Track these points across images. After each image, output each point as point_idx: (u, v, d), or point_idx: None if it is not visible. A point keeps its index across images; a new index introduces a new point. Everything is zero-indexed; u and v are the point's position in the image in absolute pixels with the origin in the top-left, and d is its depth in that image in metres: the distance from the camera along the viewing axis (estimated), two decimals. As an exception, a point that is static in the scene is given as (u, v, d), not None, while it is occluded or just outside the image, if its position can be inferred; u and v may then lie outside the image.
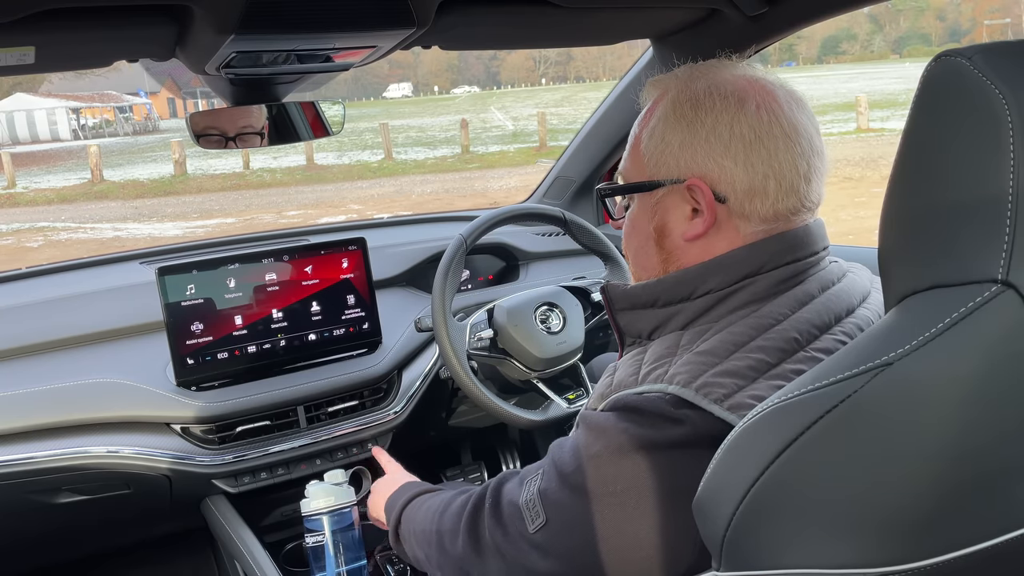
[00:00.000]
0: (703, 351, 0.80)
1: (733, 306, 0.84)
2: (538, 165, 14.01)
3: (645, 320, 0.91)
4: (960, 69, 0.56)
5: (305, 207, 12.17)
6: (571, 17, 1.33)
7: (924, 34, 75.16)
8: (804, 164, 0.86)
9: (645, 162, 0.91)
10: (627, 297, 0.93)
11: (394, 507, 1.17)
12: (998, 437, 0.56)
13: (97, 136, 30.97)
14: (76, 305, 1.60)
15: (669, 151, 0.88)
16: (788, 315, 0.82)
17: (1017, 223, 0.53)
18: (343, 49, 1.19)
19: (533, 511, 0.85)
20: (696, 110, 0.87)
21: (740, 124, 0.85)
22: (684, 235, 0.89)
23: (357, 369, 1.62)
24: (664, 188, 0.89)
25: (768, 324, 0.81)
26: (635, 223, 0.95)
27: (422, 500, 1.12)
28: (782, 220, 0.86)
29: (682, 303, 0.87)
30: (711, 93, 0.87)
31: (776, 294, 0.84)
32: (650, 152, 0.90)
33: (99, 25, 1.06)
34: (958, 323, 0.54)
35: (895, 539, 0.57)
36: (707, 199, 0.86)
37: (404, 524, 1.12)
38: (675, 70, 0.94)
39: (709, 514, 0.67)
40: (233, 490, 1.50)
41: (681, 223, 0.89)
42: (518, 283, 1.97)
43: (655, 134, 0.90)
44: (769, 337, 0.79)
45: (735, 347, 0.79)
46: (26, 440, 1.40)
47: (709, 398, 0.75)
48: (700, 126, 0.86)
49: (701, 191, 0.86)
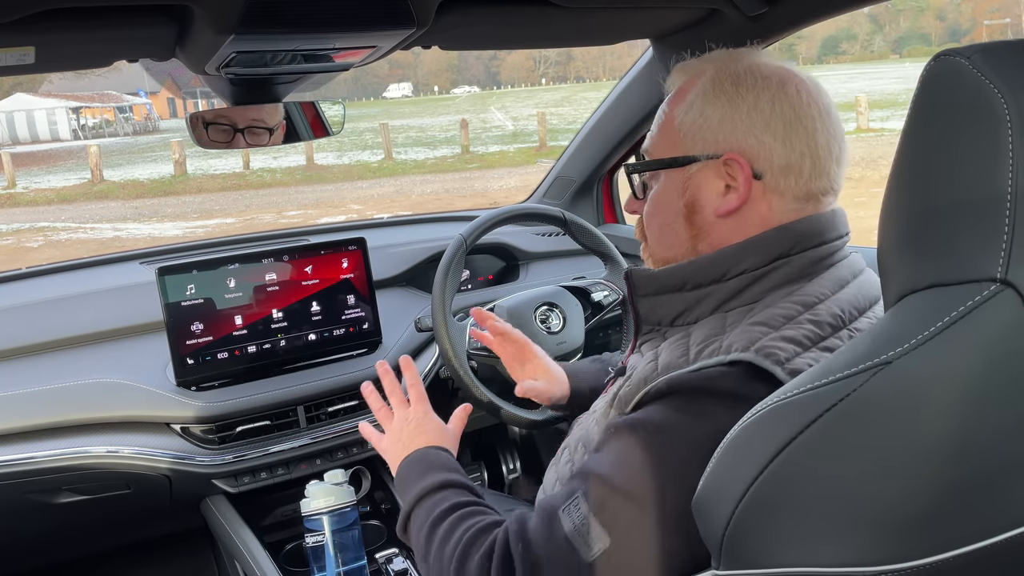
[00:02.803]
0: (756, 322, 0.80)
1: (768, 286, 0.85)
2: (538, 165, 14.01)
3: (669, 306, 0.90)
4: (959, 69, 0.56)
5: (305, 207, 12.17)
6: (571, 17, 1.33)
7: (924, 34, 75.17)
8: (836, 147, 0.88)
9: (681, 137, 0.90)
10: (653, 281, 0.91)
11: (408, 489, 1.02)
12: (997, 435, 0.56)
13: (97, 136, 30.97)
14: (76, 305, 1.60)
15: (708, 126, 0.88)
16: (829, 295, 0.83)
17: (1016, 222, 0.53)
18: (343, 49, 1.19)
19: (589, 536, 0.78)
20: (737, 86, 0.87)
21: (781, 102, 0.86)
22: (716, 211, 0.88)
23: (357, 369, 1.62)
24: (698, 163, 0.89)
25: (812, 302, 0.82)
26: (661, 200, 0.94)
27: (432, 510, 0.96)
28: (812, 201, 0.88)
29: (714, 284, 0.87)
30: (752, 72, 0.88)
31: (809, 275, 0.85)
32: (686, 127, 0.90)
33: (99, 25, 1.06)
34: (957, 322, 0.54)
35: (894, 537, 0.58)
36: (744, 173, 0.86)
37: (413, 526, 0.99)
38: (708, 55, 0.94)
39: (708, 513, 0.67)
40: (233, 490, 1.50)
41: (713, 199, 0.89)
42: (518, 283, 1.97)
43: (692, 109, 0.89)
44: (817, 312, 0.81)
45: (786, 319, 0.80)
46: (26, 440, 1.40)
47: (771, 359, 0.74)
48: (741, 101, 0.87)
49: (739, 165, 0.86)
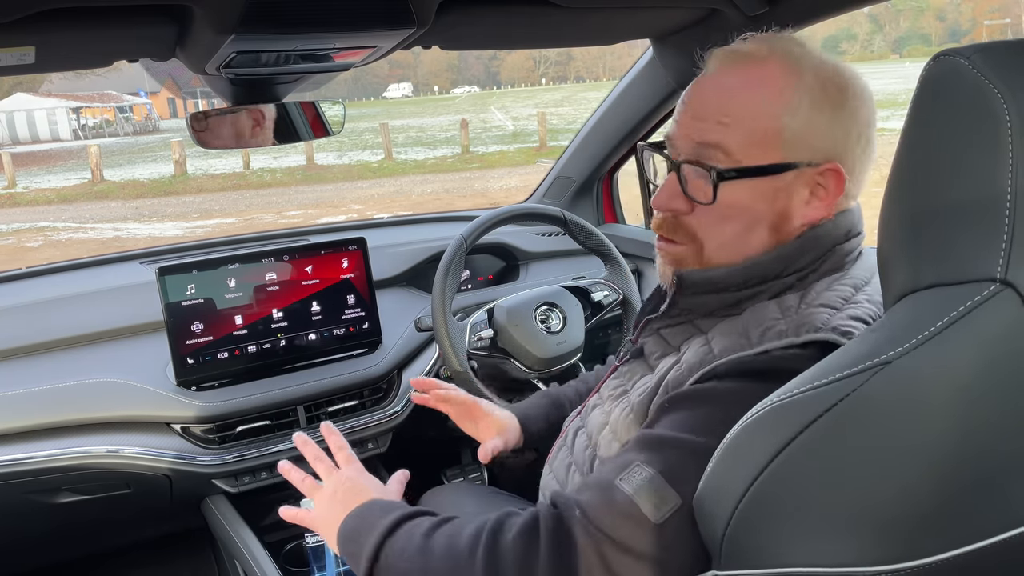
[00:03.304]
0: (819, 304, 0.80)
1: (818, 276, 0.86)
2: (538, 165, 14.01)
3: (716, 301, 0.88)
4: (959, 69, 0.56)
5: (305, 207, 12.17)
6: (571, 17, 1.33)
7: (924, 34, 75.16)
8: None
9: (783, 141, 0.83)
10: (708, 283, 0.88)
11: (366, 533, 0.88)
12: (997, 435, 0.56)
13: (97, 136, 30.95)
14: (76, 305, 1.60)
15: (814, 132, 0.84)
16: (869, 279, 0.86)
17: (1016, 222, 0.53)
18: (343, 49, 1.19)
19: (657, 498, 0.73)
20: (843, 92, 0.85)
21: (869, 111, 0.86)
22: (804, 218, 0.86)
23: (357, 369, 1.62)
24: (795, 171, 0.85)
25: (861, 284, 0.84)
26: (741, 206, 0.86)
27: (413, 532, 0.85)
28: (852, 199, 0.90)
29: (775, 280, 0.86)
30: (854, 80, 0.86)
31: (844, 266, 0.87)
32: (791, 131, 0.83)
33: (99, 25, 1.06)
34: (957, 321, 0.54)
35: (894, 537, 0.58)
36: (838, 185, 0.85)
37: (391, 552, 0.85)
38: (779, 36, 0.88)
39: (709, 512, 0.67)
40: (233, 490, 1.50)
41: (801, 207, 0.86)
42: (518, 283, 1.97)
43: (799, 112, 0.83)
44: (867, 293, 0.83)
45: (844, 301, 0.81)
46: (26, 440, 1.40)
47: (847, 338, 0.74)
48: (842, 110, 0.85)
49: (836, 176, 0.85)
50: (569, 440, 1.03)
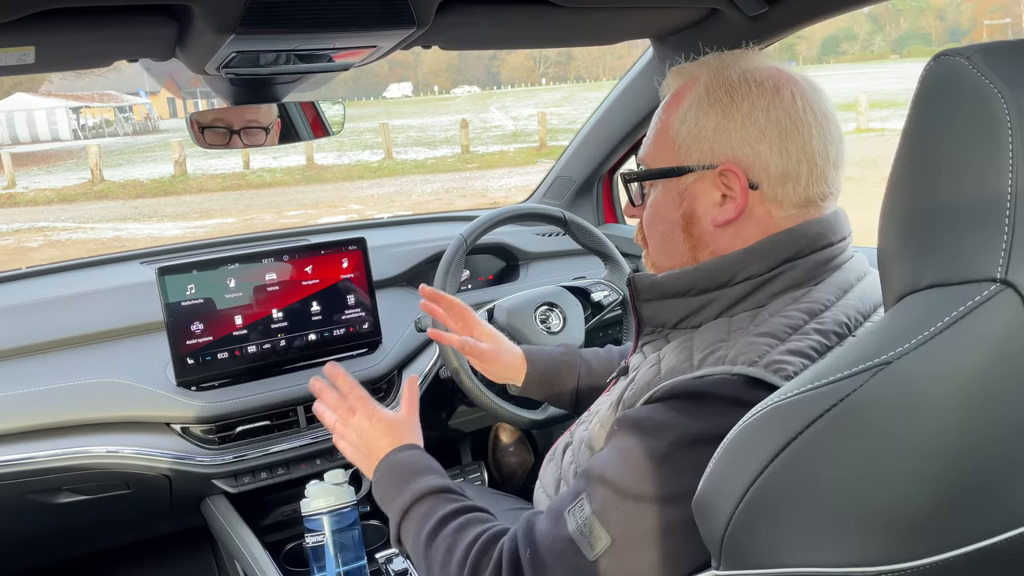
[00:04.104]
0: (762, 333, 0.79)
1: (774, 291, 0.84)
2: (538, 165, 14.01)
3: (672, 310, 0.90)
4: (959, 69, 0.56)
5: (305, 207, 12.17)
6: (571, 17, 1.33)
7: (924, 34, 75.16)
8: (834, 150, 0.87)
9: (676, 147, 0.89)
10: (656, 287, 0.91)
11: (386, 504, 1.00)
12: (997, 435, 0.56)
13: (97, 136, 30.96)
14: (76, 305, 1.60)
15: (702, 136, 0.87)
16: (835, 301, 0.83)
17: (1016, 222, 0.53)
18: (343, 49, 1.19)
19: (591, 536, 0.78)
20: (731, 95, 0.86)
21: (776, 109, 0.85)
22: (714, 221, 0.88)
23: (357, 369, 1.62)
24: (695, 173, 0.88)
25: (818, 309, 0.81)
26: (659, 210, 0.93)
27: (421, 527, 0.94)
28: (812, 206, 0.87)
29: (720, 289, 0.86)
30: (746, 79, 0.87)
31: (815, 279, 0.85)
32: (681, 137, 0.89)
33: (99, 25, 1.06)
34: (957, 322, 0.54)
35: (894, 537, 0.57)
36: (741, 184, 0.86)
37: (406, 540, 0.98)
38: (702, 58, 0.93)
39: (708, 513, 0.67)
40: (233, 490, 1.50)
41: (711, 209, 0.88)
42: (518, 283, 1.97)
43: (687, 119, 0.88)
44: (822, 321, 0.80)
45: (792, 330, 0.79)
46: (26, 440, 1.40)
47: (780, 375, 0.73)
48: (736, 111, 0.86)
49: (735, 176, 0.86)
50: (558, 455, 1.05)
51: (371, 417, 1.08)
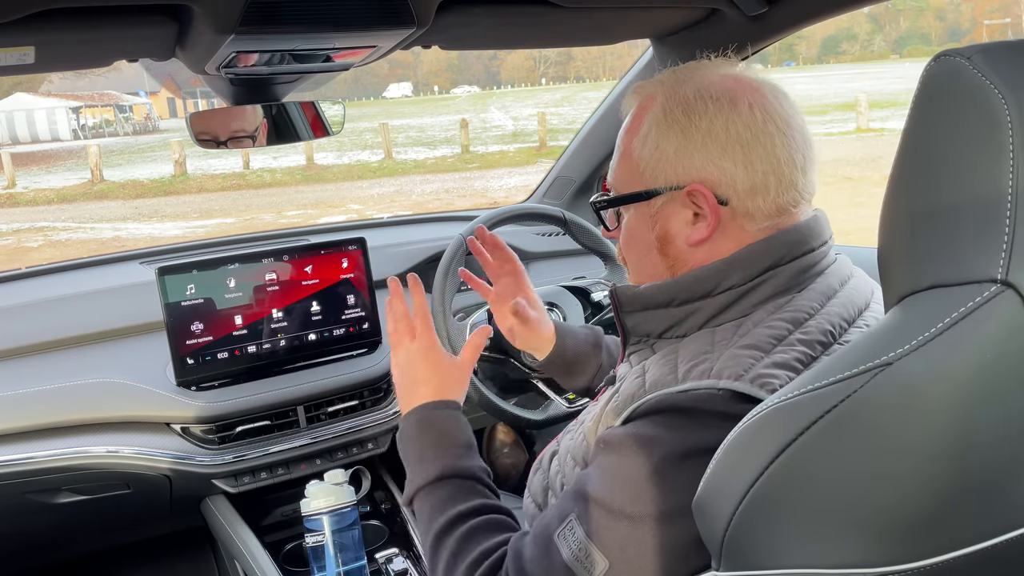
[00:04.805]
0: (746, 345, 0.78)
1: (757, 300, 0.84)
2: (538, 165, 14.02)
3: (656, 321, 0.89)
4: (959, 69, 0.56)
5: (305, 207, 12.18)
6: (571, 17, 1.33)
7: (924, 34, 75.16)
8: (800, 156, 0.86)
9: (641, 171, 0.89)
10: (638, 299, 0.91)
11: (407, 462, 1.01)
12: (998, 437, 0.56)
13: (97, 136, 30.96)
14: (76, 305, 1.60)
15: (665, 158, 0.87)
16: (818, 309, 0.82)
17: (1016, 223, 0.53)
18: (343, 49, 1.19)
19: (588, 561, 0.77)
20: (688, 115, 0.86)
21: (735, 124, 0.84)
22: (688, 240, 0.88)
23: (357, 369, 1.62)
24: (663, 196, 0.88)
25: (802, 318, 0.81)
26: (634, 233, 0.93)
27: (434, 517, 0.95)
28: (785, 214, 0.87)
29: (702, 300, 0.86)
30: (701, 96, 0.86)
31: (797, 286, 0.85)
32: (644, 160, 0.89)
33: (99, 25, 1.06)
34: (958, 323, 0.54)
35: (895, 539, 0.57)
36: (710, 203, 0.85)
37: (418, 514, 0.99)
38: (658, 75, 0.92)
39: (709, 514, 0.67)
40: (233, 490, 1.50)
41: (684, 229, 0.88)
42: (518, 283, 1.96)
43: (648, 142, 0.88)
44: (806, 330, 0.80)
45: (777, 341, 0.78)
46: (26, 440, 1.40)
47: (766, 389, 0.73)
48: (695, 130, 0.85)
49: (703, 195, 0.85)
50: (545, 464, 1.05)
51: (427, 348, 1.07)
